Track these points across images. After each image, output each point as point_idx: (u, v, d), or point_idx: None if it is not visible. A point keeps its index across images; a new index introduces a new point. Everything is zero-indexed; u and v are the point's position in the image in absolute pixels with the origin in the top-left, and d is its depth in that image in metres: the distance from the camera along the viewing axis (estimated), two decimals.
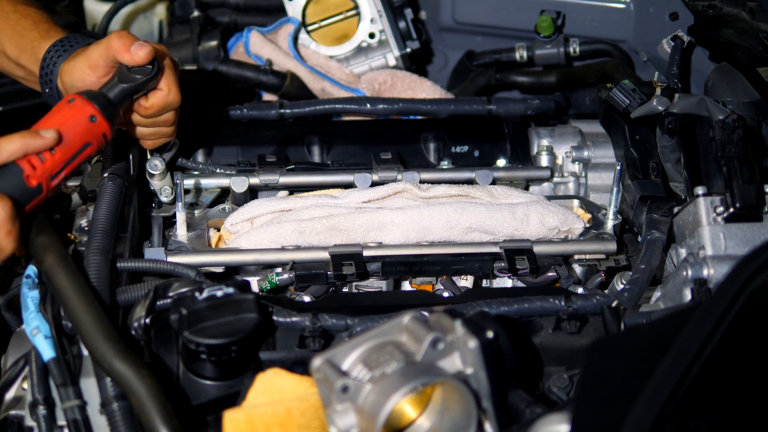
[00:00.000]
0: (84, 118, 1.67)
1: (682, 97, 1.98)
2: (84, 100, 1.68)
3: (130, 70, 1.74)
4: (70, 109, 1.67)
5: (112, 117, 1.71)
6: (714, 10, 2.20)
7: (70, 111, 1.67)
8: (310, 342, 1.63)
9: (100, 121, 1.68)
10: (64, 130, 1.65)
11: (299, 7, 2.60)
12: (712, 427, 1.25)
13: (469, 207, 1.94)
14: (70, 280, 1.54)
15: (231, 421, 1.44)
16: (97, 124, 1.68)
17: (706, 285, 1.72)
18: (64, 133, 1.65)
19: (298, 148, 2.20)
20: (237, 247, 1.91)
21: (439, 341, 1.39)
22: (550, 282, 1.92)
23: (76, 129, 1.66)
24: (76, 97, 1.68)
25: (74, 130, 1.66)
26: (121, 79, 1.74)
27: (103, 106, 1.69)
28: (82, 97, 1.69)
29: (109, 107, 1.70)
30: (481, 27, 2.75)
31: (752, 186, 1.76)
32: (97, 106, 1.68)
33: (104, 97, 1.71)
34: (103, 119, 1.68)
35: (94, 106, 1.68)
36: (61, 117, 1.66)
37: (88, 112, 1.67)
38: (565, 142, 2.23)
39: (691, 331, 1.26)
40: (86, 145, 1.68)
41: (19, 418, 1.56)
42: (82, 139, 1.67)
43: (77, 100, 1.68)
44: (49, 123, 1.65)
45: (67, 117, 1.66)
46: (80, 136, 1.67)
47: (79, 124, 1.67)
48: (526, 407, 1.44)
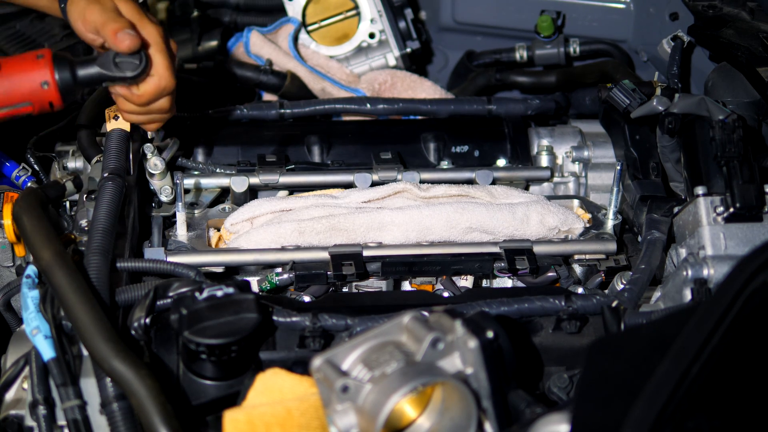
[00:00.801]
0: (37, 79, 1.62)
1: (682, 97, 1.98)
2: (49, 62, 1.62)
3: (116, 57, 1.66)
4: (32, 63, 1.62)
5: (67, 92, 1.64)
6: (714, 10, 2.20)
7: (30, 65, 1.62)
8: (310, 342, 1.63)
9: (50, 91, 1.62)
10: (14, 78, 1.61)
11: (299, 7, 2.60)
12: (712, 427, 1.24)
13: (469, 207, 1.94)
14: (69, 279, 1.53)
15: (231, 421, 1.44)
16: (46, 91, 1.62)
17: (706, 285, 1.72)
18: (12, 82, 1.61)
19: (298, 148, 2.20)
20: (237, 247, 1.91)
21: (439, 341, 1.39)
22: (550, 282, 1.92)
23: (24, 85, 1.62)
24: (45, 55, 1.63)
25: (22, 83, 1.62)
26: (100, 63, 1.67)
27: (63, 79, 1.63)
28: (50, 59, 1.63)
29: (70, 82, 1.64)
30: (481, 27, 2.76)
31: (752, 186, 1.76)
32: (58, 76, 1.63)
33: (72, 70, 1.65)
34: (55, 90, 1.63)
35: (53, 74, 1.62)
36: (20, 66, 1.62)
37: (44, 76, 1.62)
38: (565, 142, 2.23)
39: (691, 331, 1.26)
40: (26, 103, 1.63)
41: (19, 418, 1.56)
42: (24, 96, 1.62)
43: (45, 59, 1.63)
44: (5, 65, 1.62)
45: (24, 68, 1.62)
46: (23, 93, 1.62)
47: (29, 82, 1.62)
48: (526, 407, 1.44)
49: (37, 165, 2.11)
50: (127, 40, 1.65)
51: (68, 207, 1.99)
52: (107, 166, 1.83)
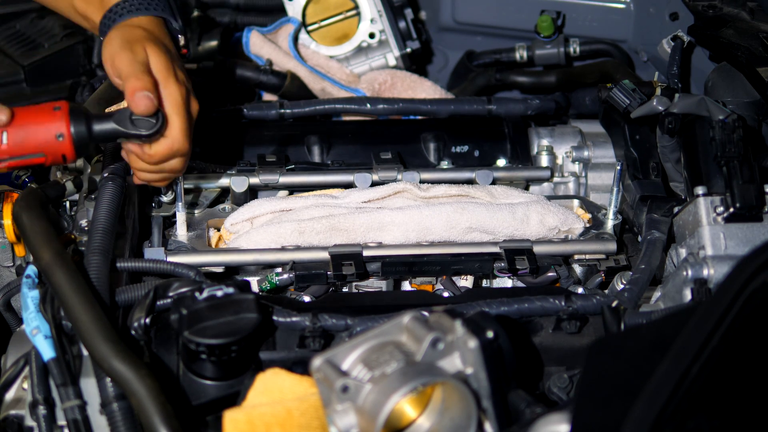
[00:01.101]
0: (53, 131, 1.61)
1: (682, 97, 1.98)
2: (66, 115, 1.62)
3: (133, 115, 1.65)
4: (48, 114, 1.62)
5: (81, 146, 1.64)
6: (714, 10, 2.20)
7: (46, 116, 1.62)
8: (310, 342, 1.63)
9: (65, 143, 1.62)
10: (29, 128, 1.60)
11: (299, 7, 2.60)
12: (712, 427, 1.24)
13: (469, 207, 1.94)
14: (69, 279, 1.53)
15: (231, 421, 1.44)
16: (61, 143, 1.62)
17: (706, 285, 1.72)
18: (27, 133, 1.60)
19: (298, 148, 2.20)
20: (237, 247, 1.91)
21: (439, 341, 1.39)
22: (550, 282, 1.92)
23: (39, 135, 1.61)
24: (62, 107, 1.63)
25: (37, 134, 1.61)
26: (117, 120, 1.66)
27: (78, 133, 1.62)
28: (67, 112, 1.63)
29: (85, 136, 1.63)
30: (481, 27, 2.75)
31: (752, 186, 1.76)
32: (73, 129, 1.62)
33: (87, 124, 1.64)
34: (69, 143, 1.62)
35: (69, 127, 1.62)
36: (36, 116, 1.62)
37: (60, 129, 1.61)
38: (565, 142, 2.23)
39: (691, 331, 1.26)
40: (40, 155, 1.62)
41: (19, 418, 1.56)
42: (39, 147, 1.62)
43: (62, 111, 1.63)
44: (23, 115, 1.61)
45: (40, 119, 1.62)
46: (38, 144, 1.61)
47: (44, 133, 1.61)
48: (526, 407, 1.44)
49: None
50: (142, 104, 1.64)
51: (68, 207, 1.99)
52: (107, 166, 1.83)
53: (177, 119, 1.70)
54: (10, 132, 1.60)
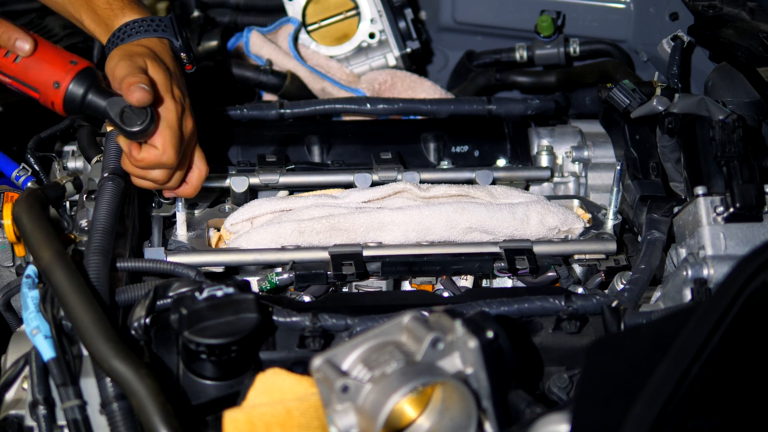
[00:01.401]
0: (54, 77, 1.72)
1: (682, 97, 1.98)
2: (73, 72, 1.72)
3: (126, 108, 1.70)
4: (62, 62, 1.73)
5: (70, 105, 1.72)
6: (714, 10, 2.20)
7: (59, 63, 1.72)
8: (310, 342, 1.63)
9: (58, 93, 1.72)
10: (40, 63, 1.72)
11: (299, 7, 2.60)
12: (712, 427, 1.24)
13: (469, 207, 1.94)
14: (68, 278, 1.53)
15: (231, 421, 1.44)
16: (54, 91, 1.72)
17: (706, 285, 1.72)
18: (36, 66, 1.72)
19: (298, 148, 2.20)
20: (237, 247, 1.91)
21: (439, 341, 1.39)
22: (550, 282, 1.92)
23: (42, 74, 1.72)
24: (78, 63, 1.73)
25: (41, 72, 1.72)
26: (110, 102, 1.71)
27: (72, 91, 1.72)
28: (76, 70, 1.72)
29: (78, 99, 1.72)
30: (481, 27, 2.75)
31: (752, 186, 1.76)
32: (71, 86, 1.71)
33: (86, 90, 1.72)
34: (60, 97, 1.72)
35: (68, 83, 1.71)
36: (52, 58, 1.72)
37: (60, 79, 1.72)
38: (565, 142, 2.23)
39: (691, 331, 1.26)
40: (35, 89, 1.74)
41: (19, 418, 1.56)
42: (37, 82, 1.72)
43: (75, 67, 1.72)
44: (45, 50, 1.73)
45: (52, 63, 1.72)
46: (37, 79, 1.72)
47: (47, 74, 1.72)
48: (526, 407, 1.44)
49: (37, 165, 2.11)
50: (137, 93, 1.68)
51: (68, 207, 1.99)
52: (107, 166, 1.83)
53: (168, 132, 1.74)
54: (24, 58, 1.73)
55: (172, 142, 1.74)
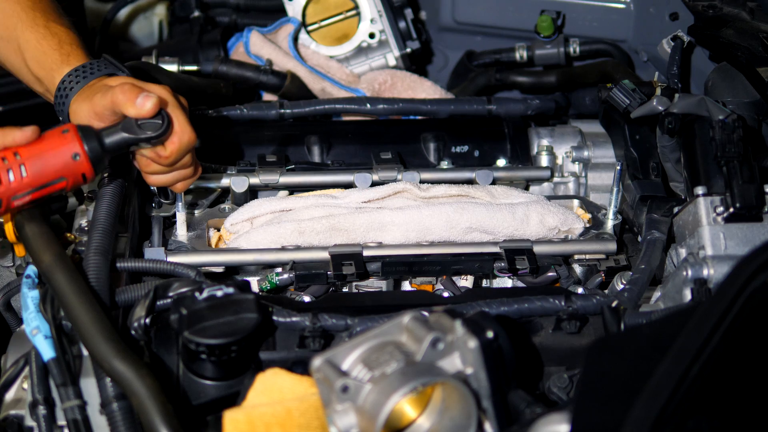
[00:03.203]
0: (68, 153, 1.62)
1: (682, 97, 1.98)
2: (76, 135, 1.63)
3: (138, 120, 1.67)
4: (59, 139, 1.63)
5: (97, 161, 1.65)
6: (714, 10, 2.20)
7: (57, 141, 1.63)
8: (310, 342, 1.63)
9: (82, 162, 1.63)
10: (44, 157, 1.61)
11: (299, 7, 2.60)
12: (712, 427, 1.25)
13: (469, 207, 1.94)
14: (69, 280, 1.53)
15: (231, 421, 1.44)
16: (78, 163, 1.63)
17: (706, 285, 1.71)
18: (43, 161, 1.61)
19: (298, 148, 2.20)
20: (237, 247, 1.91)
21: (439, 341, 1.39)
22: (550, 282, 1.92)
23: (56, 161, 1.62)
24: (70, 129, 1.64)
25: (53, 160, 1.62)
26: (125, 128, 1.67)
27: (92, 149, 1.63)
28: (76, 132, 1.64)
29: (99, 151, 1.65)
30: (481, 27, 2.76)
31: (752, 186, 1.76)
32: (86, 146, 1.63)
33: (99, 139, 1.65)
34: (86, 161, 1.63)
35: (82, 145, 1.63)
36: (47, 144, 1.63)
37: (74, 149, 1.62)
38: (565, 142, 2.23)
39: (691, 331, 1.26)
40: (60, 179, 1.63)
41: (19, 418, 1.56)
42: (58, 172, 1.62)
43: (70, 133, 1.63)
44: (35, 147, 1.62)
45: (52, 146, 1.62)
46: (57, 169, 1.62)
47: (60, 157, 1.62)
48: (526, 407, 1.44)
49: None
50: (148, 103, 1.65)
51: None
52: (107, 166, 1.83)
53: (176, 112, 1.71)
54: (27, 164, 1.61)
55: (184, 120, 1.71)
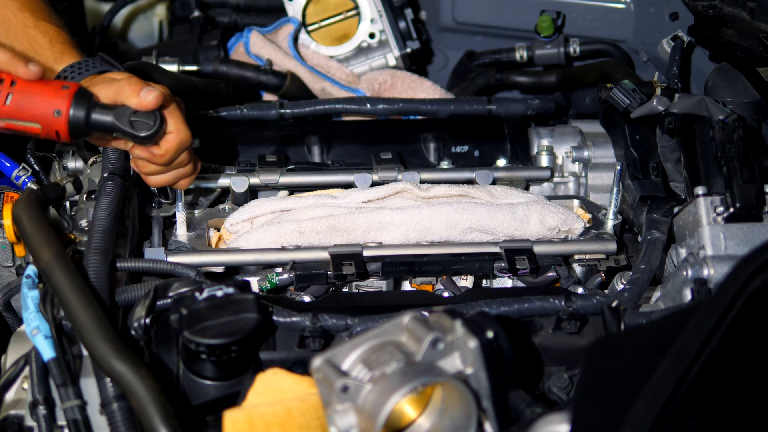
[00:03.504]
0: (53, 106, 1.63)
1: (682, 97, 1.98)
2: (69, 96, 1.64)
3: (132, 116, 1.67)
4: (54, 89, 1.64)
5: (75, 129, 1.65)
6: (714, 10, 2.20)
7: (51, 90, 1.64)
8: (310, 342, 1.63)
9: (60, 121, 1.64)
10: (32, 98, 1.63)
11: (299, 7, 2.60)
12: (712, 427, 1.25)
13: (469, 207, 1.94)
14: (68, 279, 1.53)
15: (231, 421, 1.44)
16: (56, 120, 1.64)
17: (706, 285, 1.72)
18: (29, 101, 1.63)
19: (298, 148, 2.20)
20: (237, 247, 1.91)
21: (439, 341, 1.39)
22: (550, 282, 1.92)
23: (39, 107, 1.63)
24: (71, 87, 1.65)
25: (38, 104, 1.63)
26: (116, 114, 1.67)
27: (75, 116, 1.64)
28: (71, 94, 1.64)
29: (81, 121, 1.65)
30: (481, 27, 2.76)
31: (752, 186, 1.76)
32: (72, 111, 1.64)
33: (88, 110, 1.65)
34: (65, 123, 1.64)
35: (68, 107, 1.64)
36: (42, 89, 1.64)
37: (59, 106, 1.63)
38: (565, 142, 2.23)
39: (691, 331, 1.26)
40: (35, 124, 1.65)
41: (19, 418, 1.56)
42: (36, 117, 1.64)
43: (69, 90, 1.64)
44: (32, 85, 1.64)
45: (45, 92, 1.64)
46: (36, 114, 1.64)
47: (44, 105, 1.63)
48: (526, 407, 1.44)
49: (37, 165, 2.11)
50: (150, 96, 1.67)
51: (68, 207, 1.99)
52: (107, 166, 1.83)
53: (174, 109, 1.72)
54: (15, 94, 1.63)
55: (180, 118, 1.73)
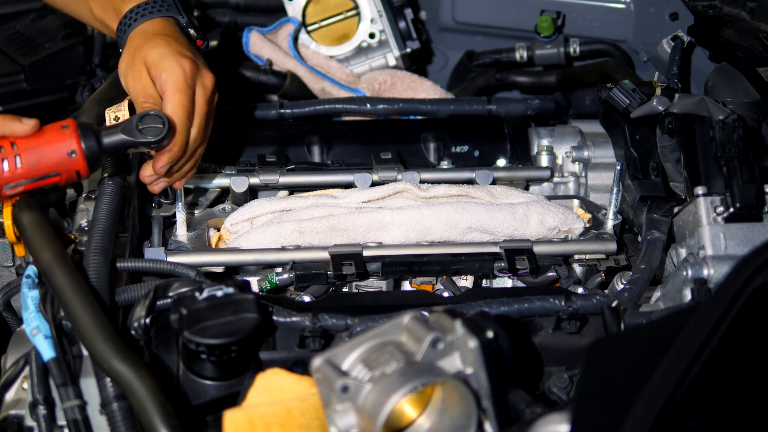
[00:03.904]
0: (64, 149, 1.64)
1: (682, 97, 1.98)
2: (74, 132, 1.65)
3: (139, 123, 1.68)
4: (57, 134, 1.65)
5: (93, 160, 1.67)
6: (714, 10, 2.20)
7: (55, 136, 1.65)
8: (310, 342, 1.63)
9: (77, 159, 1.65)
10: (41, 150, 1.63)
11: (299, 7, 2.60)
12: (712, 427, 1.24)
13: (469, 207, 1.94)
14: (68, 279, 1.53)
15: (231, 421, 1.44)
16: (73, 160, 1.65)
17: (706, 285, 1.72)
18: (39, 154, 1.63)
19: (298, 148, 2.20)
20: (237, 247, 1.91)
21: (439, 341, 1.39)
22: (550, 282, 1.92)
23: (51, 155, 1.64)
24: (70, 125, 1.66)
25: (49, 155, 1.64)
26: (124, 130, 1.68)
27: (89, 147, 1.65)
28: (75, 129, 1.65)
29: (96, 150, 1.66)
30: (481, 27, 2.76)
31: (752, 186, 1.76)
32: (84, 144, 1.65)
33: (97, 138, 1.67)
34: (82, 159, 1.65)
35: (79, 143, 1.64)
36: (45, 138, 1.64)
37: (71, 146, 1.64)
38: (565, 142, 2.23)
39: (691, 331, 1.26)
40: (54, 174, 1.65)
41: (19, 418, 1.56)
42: (52, 167, 1.65)
43: (70, 129, 1.65)
44: (33, 139, 1.64)
45: (50, 140, 1.64)
46: (51, 164, 1.64)
47: (56, 152, 1.64)
48: (526, 407, 1.44)
49: None
50: None
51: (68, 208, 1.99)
52: (107, 166, 1.83)
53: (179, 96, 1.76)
54: (23, 156, 1.63)
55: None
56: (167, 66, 1.76)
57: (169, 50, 1.78)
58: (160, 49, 1.78)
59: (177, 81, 1.76)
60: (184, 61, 1.78)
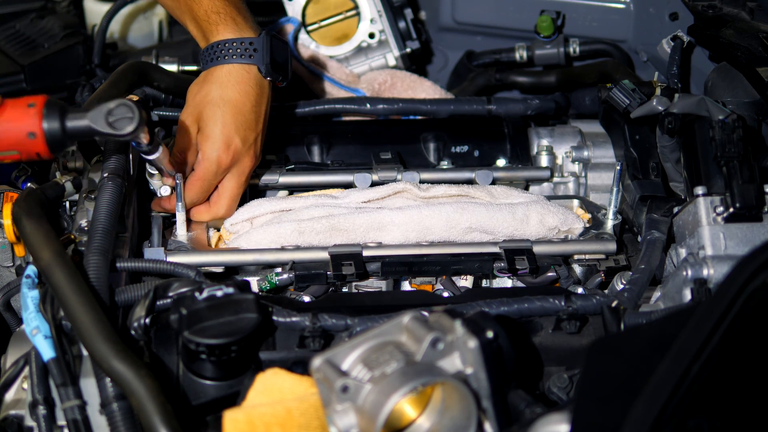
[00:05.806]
0: (25, 129, 1.55)
1: (682, 97, 1.98)
2: (39, 112, 1.55)
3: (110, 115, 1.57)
4: (21, 111, 1.56)
5: (54, 144, 1.56)
6: (714, 10, 2.20)
7: (18, 113, 1.56)
8: (310, 342, 1.63)
9: (37, 142, 1.56)
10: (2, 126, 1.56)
11: (299, 7, 2.60)
12: (712, 427, 1.25)
13: (469, 207, 1.94)
14: (68, 279, 1.53)
15: (231, 421, 1.44)
16: (33, 142, 1.56)
17: (706, 285, 1.71)
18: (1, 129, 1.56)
19: (298, 148, 2.20)
20: (237, 247, 1.91)
21: (439, 341, 1.39)
22: (550, 282, 1.92)
23: (11, 134, 1.56)
24: (37, 103, 1.57)
25: (9, 134, 1.56)
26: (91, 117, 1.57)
27: (51, 130, 1.55)
28: (41, 109, 1.56)
29: (59, 134, 1.56)
30: (481, 27, 2.75)
31: (752, 186, 1.76)
32: (46, 127, 1.55)
33: (62, 121, 1.56)
34: (42, 142, 1.56)
35: (41, 124, 1.55)
36: (8, 115, 1.56)
37: (31, 127, 1.55)
38: (565, 142, 2.23)
39: (691, 331, 1.26)
40: (13, 152, 1.58)
41: (19, 418, 1.56)
42: (12, 145, 1.57)
43: (36, 108, 1.56)
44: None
45: (11, 118, 1.56)
46: (10, 142, 1.57)
47: (15, 132, 1.56)
48: (526, 407, 1.44)
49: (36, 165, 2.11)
50: None
51: (68, 207, 1.99)
52: (107, 166, 1.83)
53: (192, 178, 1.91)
54: None
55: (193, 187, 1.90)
56: (207, 151, 1.89)
57: (222, 131, 1.89)
58: (217, 124, 1.89)
59: (205, 170, 1.89)
60: (227, 152, 1.89)
